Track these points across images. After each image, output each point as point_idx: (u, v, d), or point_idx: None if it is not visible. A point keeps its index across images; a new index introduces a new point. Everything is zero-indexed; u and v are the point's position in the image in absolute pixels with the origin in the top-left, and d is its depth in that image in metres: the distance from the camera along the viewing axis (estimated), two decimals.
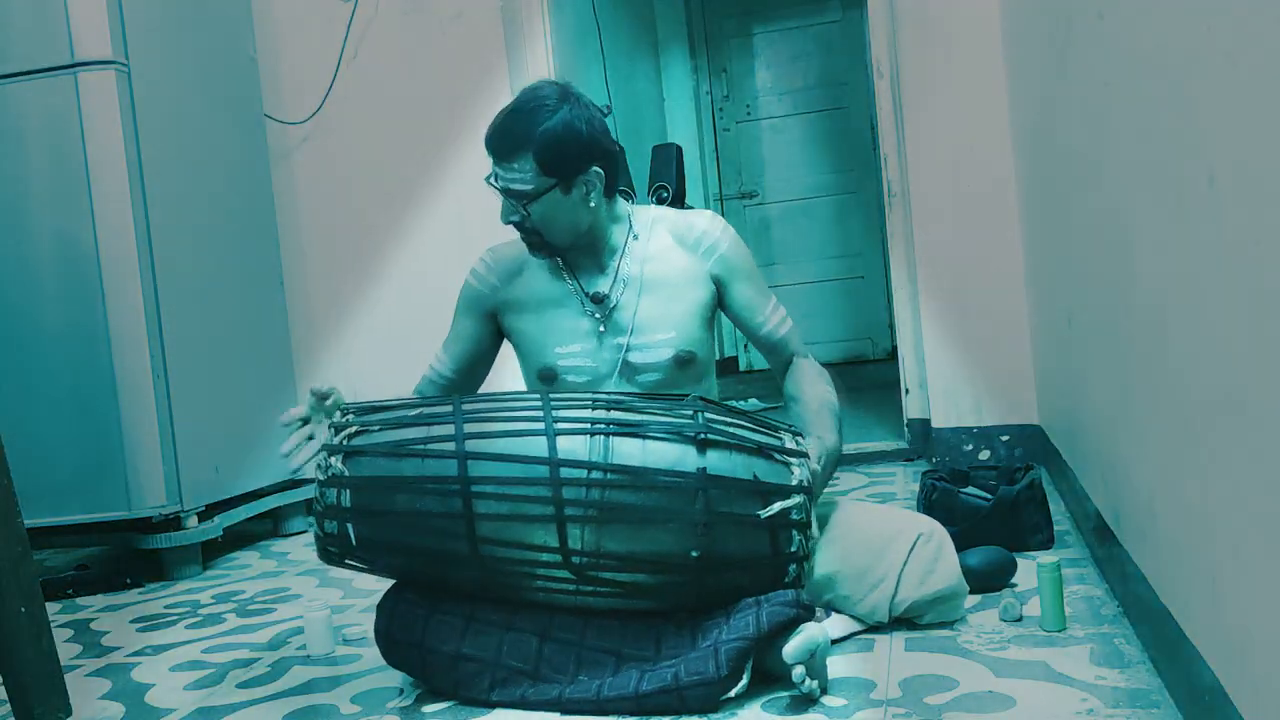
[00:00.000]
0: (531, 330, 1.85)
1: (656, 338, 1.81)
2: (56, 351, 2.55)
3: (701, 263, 1.84)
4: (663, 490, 1.47)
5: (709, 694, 1.42)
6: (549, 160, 1.70)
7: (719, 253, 1.85)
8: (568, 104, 1.72)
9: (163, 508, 2.56)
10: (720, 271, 1.85)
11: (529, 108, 1.72)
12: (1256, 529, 0.93)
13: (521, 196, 1.72)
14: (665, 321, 1.81)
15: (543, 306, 1.84)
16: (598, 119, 1.75)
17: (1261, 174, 0.84)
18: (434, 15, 3.34)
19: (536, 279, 1.86)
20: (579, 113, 1.72)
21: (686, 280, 1.84)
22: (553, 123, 1.69)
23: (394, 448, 1.52)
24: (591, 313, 1.82)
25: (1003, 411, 3.01)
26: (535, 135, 1.69)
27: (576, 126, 1.70)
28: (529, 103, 1.73)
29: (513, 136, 1.71)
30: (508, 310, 1.87)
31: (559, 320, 1.83)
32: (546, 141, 1.69)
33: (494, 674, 1.51)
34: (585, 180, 1.74)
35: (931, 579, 1.65)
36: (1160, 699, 1.31)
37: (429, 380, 1.93)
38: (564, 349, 1.82)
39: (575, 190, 1.74)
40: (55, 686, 1.59)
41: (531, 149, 1.69)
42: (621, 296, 1.82)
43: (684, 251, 1.85)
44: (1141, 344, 1.37)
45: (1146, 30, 1.19)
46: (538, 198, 1.72)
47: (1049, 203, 2.28)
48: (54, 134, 2.52)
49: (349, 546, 1.54)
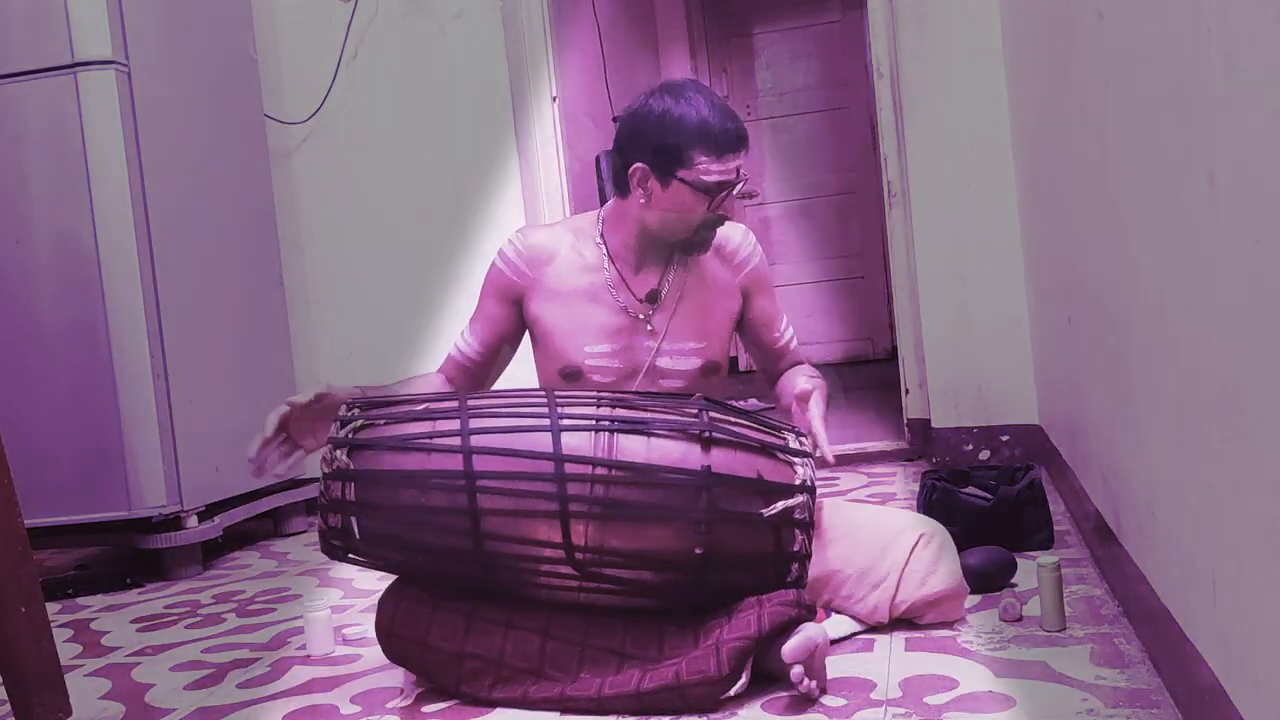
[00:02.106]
0: (559, 323, 1.79)
1: (688, 345, 1.80)
2: (56, 351, 2.55)
3: (734, 275, 1.85)
4: (667, 487, 1.48)
5: (710, 692, 1.42)
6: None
7: (750, 267, 1.87)
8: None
9: (163, 508, 2.56)
10: (749, 285, 1.87)
11: (723, 103, 1.72)
12: (1256, 529, 0.93)
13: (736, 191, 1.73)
14: (698, 330, 1.81)
15: (573, 299, 1.79)
16: None
17: (1261, 174, 0.84)
18: (434, 15, 3.34)
19: (568, 269, 1.80)
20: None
21: (720, 290, 1.84)
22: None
23: (399, 442, 1.53)
24: (634, 313, 1.79)
25: (1003, 411, 3.01)
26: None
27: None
28: (714, 94, 1.73)
29: (743, 130, 1.71)
30: (534, 298, 1.81)
31: (590, 315, 1.78)
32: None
33: (497, 672, 1.51)
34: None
35: (932, 579, 1.65)
36: (1160, 699, 1.31)
37: (455, 361, 1.87)
38: (593, 348, 1.77)
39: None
40: (55, 686, 1.59)
41: (747, 148, 1.72)
42: (665, 299, 1.82)
43: (719, 262, 1.85)
44: (1141, 344, 1.37)
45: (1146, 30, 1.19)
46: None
47: (1049, 203, 2.28)
48: (54, 134, 2.52)
49: (352, 540, 1.54)
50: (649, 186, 1.72)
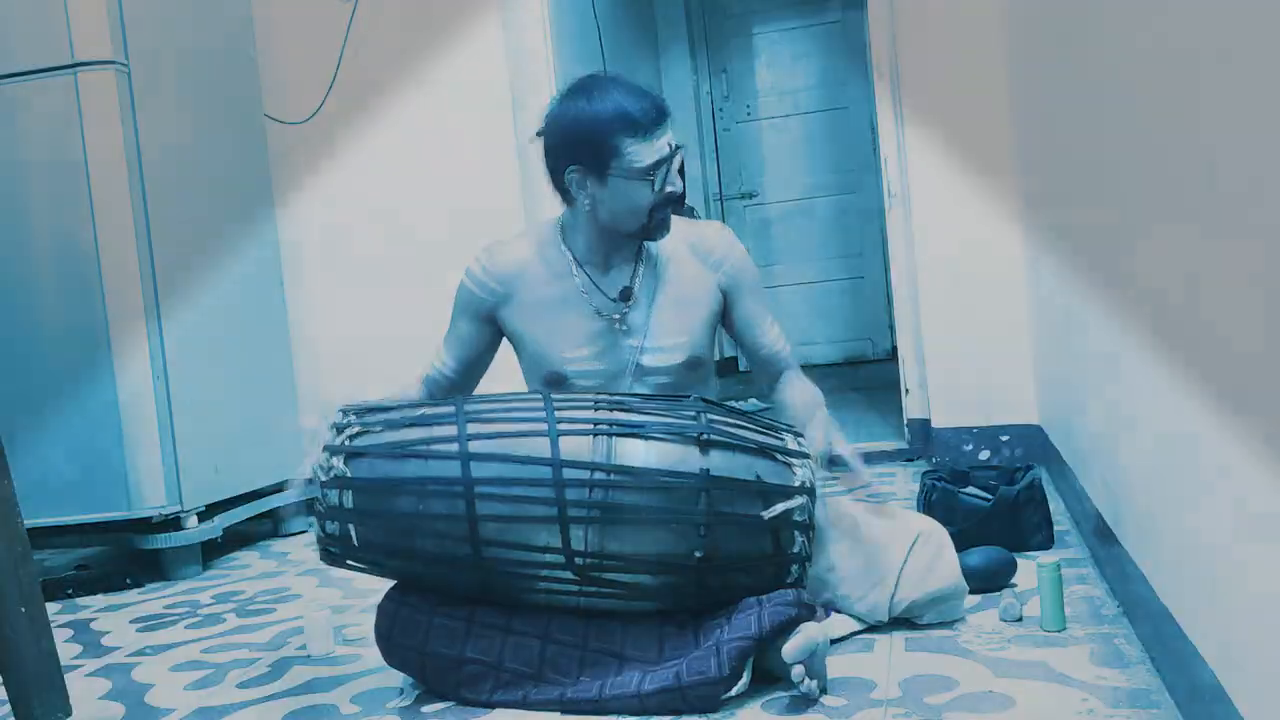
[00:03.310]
0: (536, 335, 1.80)
1: (671, 341, 1.80)
2: (56, 351, 2.55)
3: (711, 274, 1.84)
4: (665, 491, 1.47)
5: (710, 693, 1.42)
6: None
7: (728, 266, 1.85)
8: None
9: (163, 508, 2.56)
10: (729, 285, 1.85)
11: (636, 83, 1.73)
12: (1256, 529, 0.93)
13: (677, 164, 1.72)
14: (679, 326, 1.80)
15: (546, 309, 1.80)
16: None
17: (1261, 174, 0.84)
18: (434, 15, 3.34)
19: (537, 280, 1.81)
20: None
21: (698, 288, 1.83)
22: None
23: (396, 449, 1.52)
24: (608, 313, 1.79)
25: (1003, 411, 3.01)
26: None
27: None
28: (626, 79, 1.74)
29: (661, 104, 1.71)
30: (507, 313, 1.82)
31: (565, 323, 1.79)
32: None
33: (496, 676, 1.51)
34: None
35: (931, 579, 1.65)
36: (1160, 699, 1.31)
37: (432, 380, 1.89)
38: (573, 353, 1.78)
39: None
40: (55, 686, 1.59)
41: (670, 118, 1.71)
42: (639, 296, 1.81)
43: (696, 260, 1.84)
44: (1141, 344, 1.37)
45: (1146, 30, 1.19)
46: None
47: (1049, 203, 2.28)
48: (54, 134, 2.52)
49: (351, 548, 1.54)
50: (589, 188, 1.73)
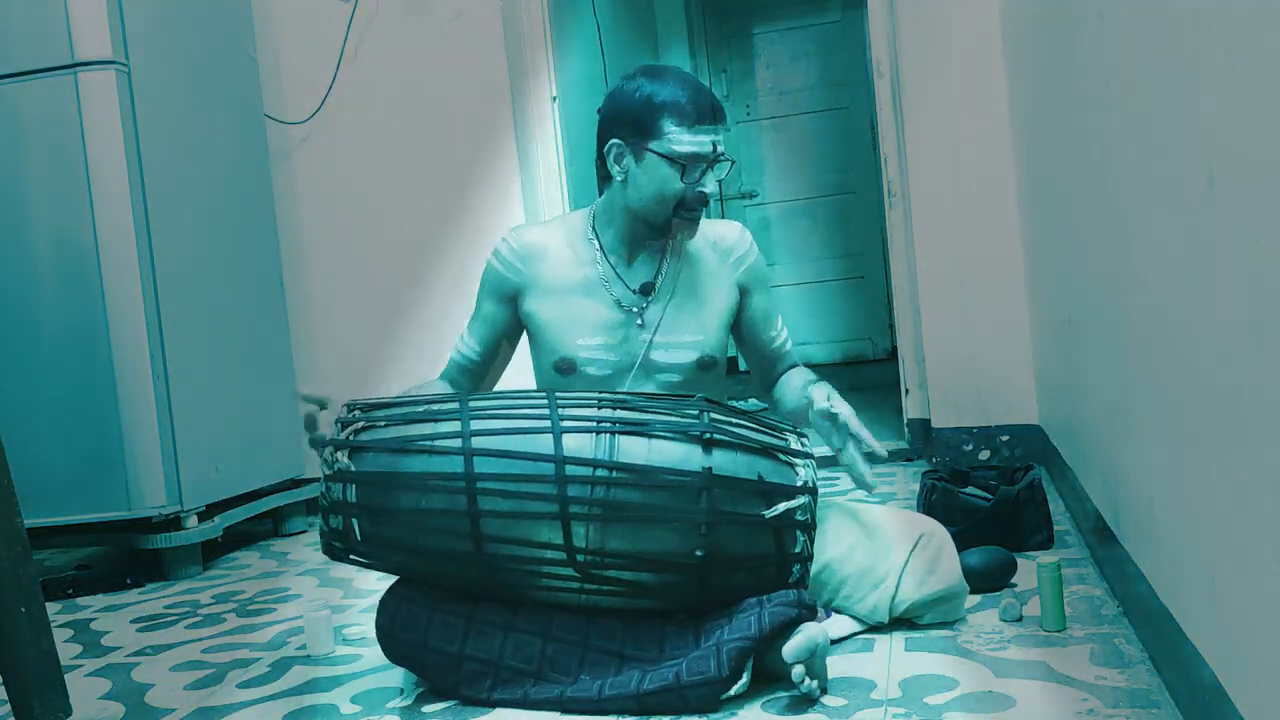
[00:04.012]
0: (553, 318, 1.80)
1: (683, 339, 1.80)
2: (56, 351, 2.55)
3: (731, 271, 1.86)
4: (668, 489, 1.48)
5: (710, 693, 1.42)
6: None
7: (747, 264, 1.87)
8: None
9: (163, 508, 2.56)
10: (746, 282, 1.87)
11: (700, 84, 1.74)
12: (1256, 529, 0.93)
13: (721, 166, 1.74)
14: (693, 324, 1.81)
15: (567, 293, 1.80)
16: None
17: (1261, 174, 0.84)
18: (434, 15, 3.34)
19: (561, 263, 1.82)
20: None
21: (715, 285, 1.84)
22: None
23: (400, 443, 1.52)
24: (629, 305, 1.80)
25: (1003, 411, 3.01)
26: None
27: None
28: (695, 78, 1.76)
29: (717, 104, 1.73)
30: (529, 294, 1.82)
31: (584, 309, 1.80)
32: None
33: (496, 674, 1.51)
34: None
35: (932, 579, 1.65)
36: (1160, 699, 1.31)
37: (456, 364, 1.88)
38: (587, 340, 1.78)
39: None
40: (55, 686, 1.59)
41: (723, 126, 1.73)
42: (659, 292, 1.82)
43: (715, 257, 1.86)
44: (1141, 344, 1.37)
45: (1146, 30, 1.19)
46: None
47: (1049, 203, 2.28)
48: (54, 134, 2.52)
49: (353, 542, 1.54)
50: (624, 164, 1.75)
